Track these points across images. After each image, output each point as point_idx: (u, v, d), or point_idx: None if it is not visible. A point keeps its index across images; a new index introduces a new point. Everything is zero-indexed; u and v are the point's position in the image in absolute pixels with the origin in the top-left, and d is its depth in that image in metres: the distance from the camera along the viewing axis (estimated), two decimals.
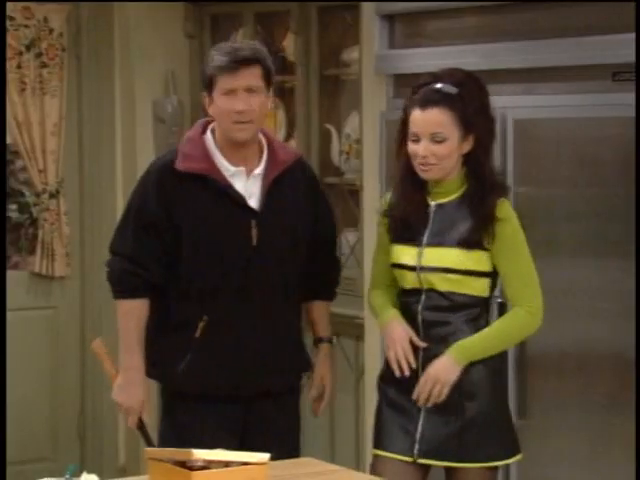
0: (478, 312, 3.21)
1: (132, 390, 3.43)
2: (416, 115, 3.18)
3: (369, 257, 4.62)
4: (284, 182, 3.40)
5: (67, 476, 2.55)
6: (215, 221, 3.33)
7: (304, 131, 5.21)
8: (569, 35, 3.78)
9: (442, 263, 3.18)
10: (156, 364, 3.44)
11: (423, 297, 3.22)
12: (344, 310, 4.83)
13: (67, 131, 5.67)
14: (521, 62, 3.91)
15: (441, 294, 3.19)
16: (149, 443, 3.48)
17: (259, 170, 3.37)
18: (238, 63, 3.28)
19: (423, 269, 3.20)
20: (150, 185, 3.38)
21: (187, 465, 2.58)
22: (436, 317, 3.20)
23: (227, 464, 2.60)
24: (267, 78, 3.34)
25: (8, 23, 5.50)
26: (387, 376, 3.26)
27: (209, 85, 3.33)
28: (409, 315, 3.24)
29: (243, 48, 3.33)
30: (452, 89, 3.17)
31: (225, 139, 3.36)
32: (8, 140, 5.67)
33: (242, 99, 3.28)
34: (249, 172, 3.35)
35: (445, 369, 3.13)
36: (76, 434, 5.71)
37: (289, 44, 5.33)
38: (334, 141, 5.16)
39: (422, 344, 3.19)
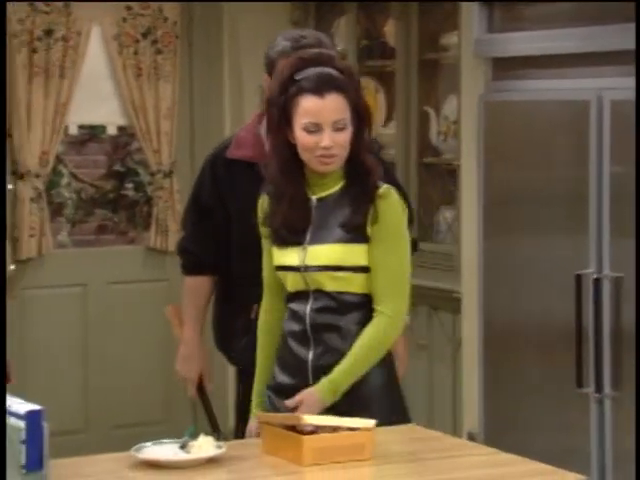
0: (370, 312, 2.83)
1: (187, 362, 3.43)
2: (314, 102, 2.76)
3: (466, 234, 4.61)
4: None
5: (185, 437, 2.55)
6: None
7: (403, 113, 5.16)
8: None
9: (327, 260, 2.80)
10: (222, 340, 3.39)
11: (311, 299, 2.83)
12: (442, 284, 4.82)
13: (179, 114, 5.70)
14: (617, 44, 3.81)
15: (329, 295, 2.82)
16: (208, 413, 3.49)
17: None
18: (298, 50, 3.11)
19: (308, 268, 2.82)
20: (205, 171, 3.36)
21: (297, 429, 2.56)
22: (325, 320, 2.82)
23: (335, 429, 2.58)
24: None
25: (126, 12, 5.55)
26: (276, 388, 2.90)
27: (271, 68, 3.21)
28: (297, 320, 2.85)
29: (306, 37, 3.23)
30: (339, 74, 2.79)
31: None
32: (125, 123, 5.72)
33: None
34: None
35: (309, 406, 2.74)
36: (189, 398, 5.74)
37: (389, 30, 5.28)
38: (432, 122, 5.10)
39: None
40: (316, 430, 2.56)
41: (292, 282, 2.86)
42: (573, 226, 3.96)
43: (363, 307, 2.84)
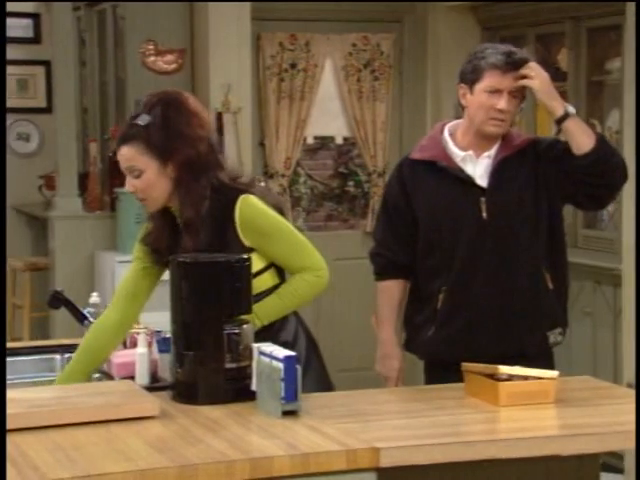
0: None
1: (386, 361, 2.96)
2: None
3: (626, 222, 4.44)
4: (513, 161, 2.81)
5: None
6: (446, 200, 2.80)
7: None
8: None
9: None
10: (410, 337, 2.94)
11: None
12: (605, 264, 4.68)
13: (391, 127, 5.71)
14: None
15: None
16: None
17: (489, 153, 2.82)
18: (511, 65, 2.76)
19: None
20: (393, 176, 2.93)
21: (494, 377, 2.53)
22: None
23: (525, 377, 2.54)
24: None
25: (352, 48, 5.61)
26: None
27: (477, 77, 2.76)
28: None
29: (516, 53, 2.79)
30: (143, 119, 2.44)
31: (471, 130, 2.81)
32: (349, 134, 5.79)
33: (505, 99, 2.74)
34: (478, 155, 2.81)
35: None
36: None
37: (562, 57, 5.15)
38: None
39: None
40: (509, 378, 2.51)
41: None
42: None
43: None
